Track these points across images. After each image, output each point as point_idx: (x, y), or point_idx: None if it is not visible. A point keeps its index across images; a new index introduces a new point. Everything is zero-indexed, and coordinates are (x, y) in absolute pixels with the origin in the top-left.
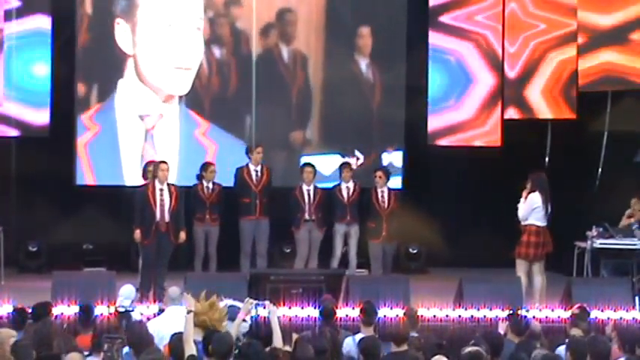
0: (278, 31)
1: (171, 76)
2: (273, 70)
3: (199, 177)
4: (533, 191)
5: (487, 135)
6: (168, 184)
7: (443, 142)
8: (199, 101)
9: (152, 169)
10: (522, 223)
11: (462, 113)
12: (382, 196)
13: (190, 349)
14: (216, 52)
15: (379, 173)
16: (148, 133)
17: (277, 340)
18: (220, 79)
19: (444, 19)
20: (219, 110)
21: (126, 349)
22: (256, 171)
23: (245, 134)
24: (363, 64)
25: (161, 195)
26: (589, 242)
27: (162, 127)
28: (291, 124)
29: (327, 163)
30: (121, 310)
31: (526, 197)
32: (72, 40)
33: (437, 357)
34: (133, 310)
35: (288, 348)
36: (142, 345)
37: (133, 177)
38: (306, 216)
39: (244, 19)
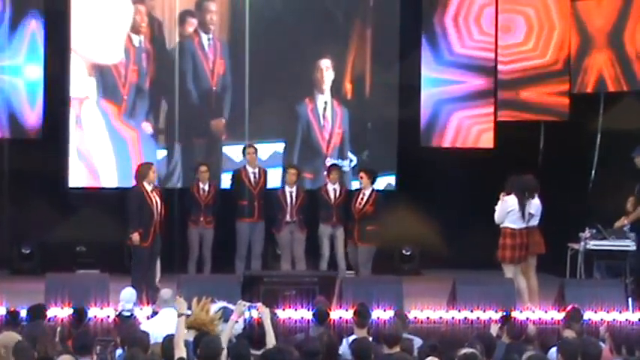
0: (197, 19)
1: (101, 41)
2: (193, 58)
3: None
4: (509, 194)
5: (480, 136)
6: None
7: (436, 143)
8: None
9: (141, 171)
10: (500, 225)
11: (455, 114)
12: (361, 198)
13: (180, 351)
14: (135, 40)
15: (361, 174)
16: (77, 118)
17: (270, 342)
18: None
19: (438, 20)
20: (136, 99)
21: (119, 352)
22: (254, 173)
23: (160, 124)
24: (321, 99)
25: (153, 196)
26: (582, 244)
27: (87, 110)
28: (211, 113)
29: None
30: (126, 314)
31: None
32: (65, 38)
33: (429, 358)
34: (134, 315)
35: None
36: (137, 346)
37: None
38: (287, 218)
39: (161, 7)
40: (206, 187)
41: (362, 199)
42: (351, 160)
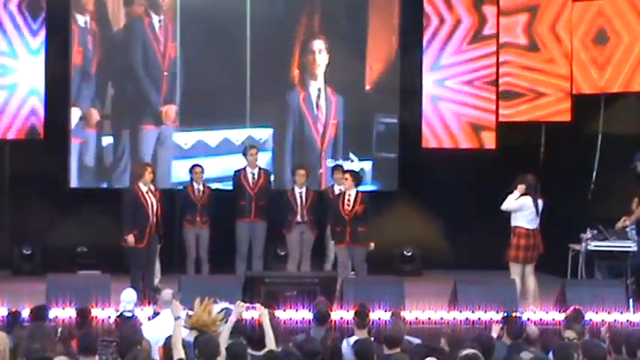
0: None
1: None
2: (143, 41)
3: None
4: (525, 194)
5: (482, 137)
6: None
7: (437, 144)
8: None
9: (136, 171)
10: (511, 224)
11: (456, 116)
12: (348, 200)
13: (178, 352)
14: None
15: (346, 175)
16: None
17: (270, 343)
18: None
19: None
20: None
21: None
22: (253, 174)
23: (106, 110)
24: (314, 87)
25: (149, 197)
26: (583, 244)
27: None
28: (162, 98)
29: (189, 138)
30: (127, 315)
31: (519, 195)
32: (67, 38)
33: (428, 359)
34: (135, 316)
35: None
36: (132, 345)
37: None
38: (298, 218)
39: None
40: (201, 188)
41: (349, 200)
42: (352, 161)
